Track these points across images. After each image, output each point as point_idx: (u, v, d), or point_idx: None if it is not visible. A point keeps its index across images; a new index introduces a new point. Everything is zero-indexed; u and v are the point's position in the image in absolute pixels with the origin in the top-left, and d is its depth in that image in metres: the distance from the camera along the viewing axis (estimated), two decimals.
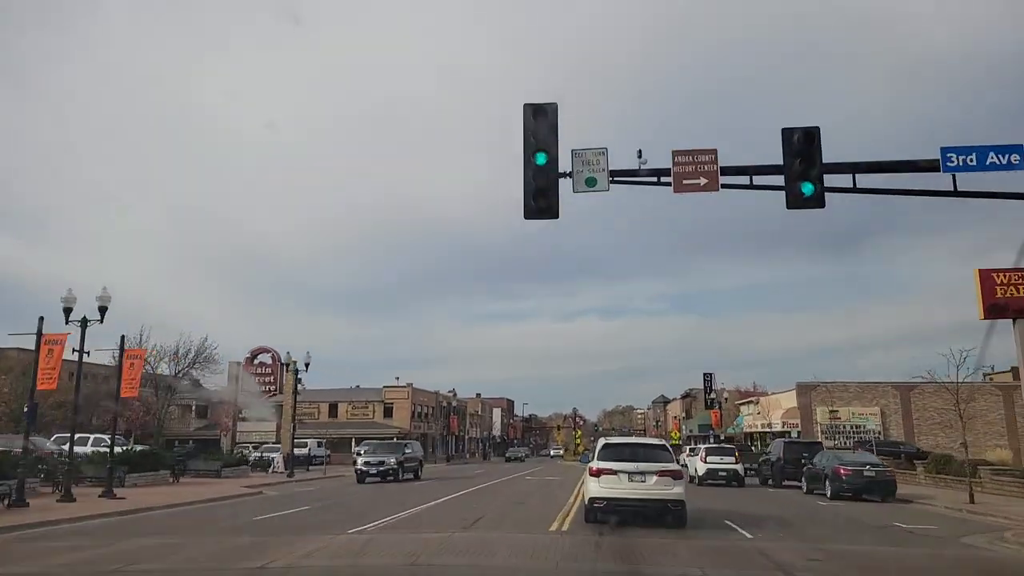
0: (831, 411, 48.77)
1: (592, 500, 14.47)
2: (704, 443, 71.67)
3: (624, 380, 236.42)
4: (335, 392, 74.69)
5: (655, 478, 14.05)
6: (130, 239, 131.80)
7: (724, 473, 28.16)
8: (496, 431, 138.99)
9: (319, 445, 65.55)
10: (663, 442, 17.08)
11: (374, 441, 38.00)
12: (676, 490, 14.09)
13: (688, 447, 51.40)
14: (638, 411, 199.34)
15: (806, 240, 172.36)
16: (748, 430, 58.73)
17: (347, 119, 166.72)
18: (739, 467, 28.30)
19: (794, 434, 44.26)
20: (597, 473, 14.42)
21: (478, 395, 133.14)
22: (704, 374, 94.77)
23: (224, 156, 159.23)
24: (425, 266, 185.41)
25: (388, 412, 73.36)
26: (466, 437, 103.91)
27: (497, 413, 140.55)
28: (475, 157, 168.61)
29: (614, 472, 14.25)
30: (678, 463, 15.86)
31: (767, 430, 53.50)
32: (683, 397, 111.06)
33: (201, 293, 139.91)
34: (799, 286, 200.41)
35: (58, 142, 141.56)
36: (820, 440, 37.61)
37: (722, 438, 65.01)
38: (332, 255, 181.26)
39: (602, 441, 16.30)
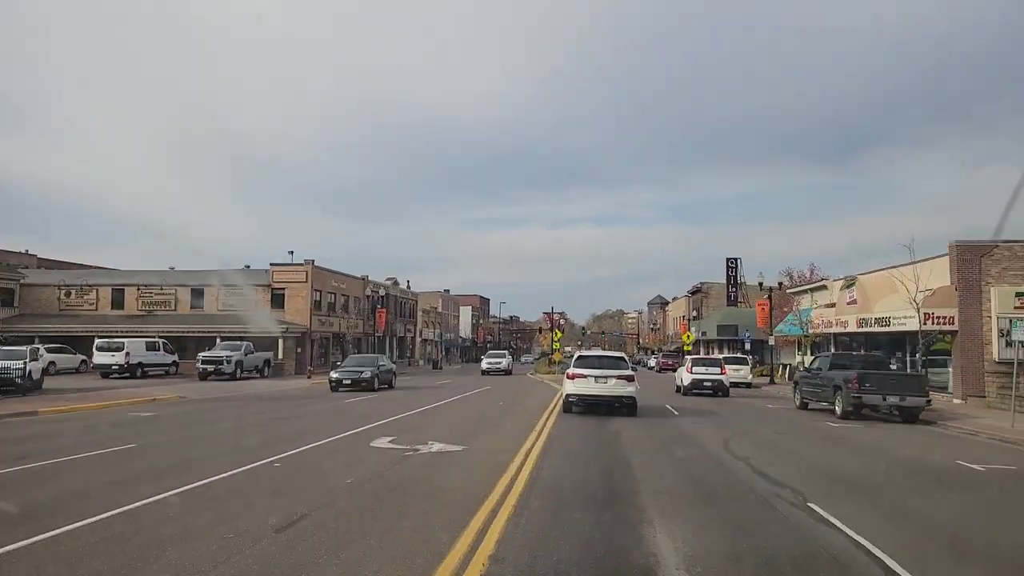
0: (1019, 294, 25.90)
1: (568, 395, 19.50)
2: (733, 351, 50.04)
3: (617, 287, 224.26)
4: (203, 274, 51.10)
5: (614, 381, 18.96)
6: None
7: (709, 384, 29.06)
8: (465, 333, 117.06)
9: (154, 348, 42.98)
10: (622, 355, 22.33)
11: None
12: (629, 390, 18.97)
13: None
14: (629, 315, 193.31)
15: (801, 150, 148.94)
16: (824, 329, 35.77)
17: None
18: (723, 378, 29.34)
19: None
20: (572, 376, 19.40)
21: (446, 291, 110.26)
22: (728, 259, 72.51)
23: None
24: (416, 168, 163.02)
25: (279, 300, 50.27)
26: (417, 339, 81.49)
27: (466, 312, 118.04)
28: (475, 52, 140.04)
29: (584, 376, 19.16)
30: (634, 370, 20.68)
31: (867, 329, 30.66)
32: (692, 293, 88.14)
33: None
34: (799, 194, 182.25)
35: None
36: None
37: (770, 342, 42.83)
38: (316, 151, 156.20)
39: (576, 354, 22.62)
